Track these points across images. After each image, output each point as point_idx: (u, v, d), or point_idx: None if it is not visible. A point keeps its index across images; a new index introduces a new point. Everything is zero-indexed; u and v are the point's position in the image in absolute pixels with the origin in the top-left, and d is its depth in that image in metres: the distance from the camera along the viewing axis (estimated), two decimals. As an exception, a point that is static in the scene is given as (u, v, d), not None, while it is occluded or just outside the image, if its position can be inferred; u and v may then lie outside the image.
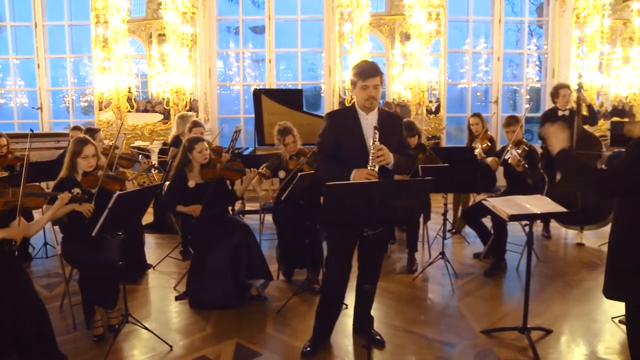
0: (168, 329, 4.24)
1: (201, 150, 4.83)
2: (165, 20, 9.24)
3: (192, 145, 4.85)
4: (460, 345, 3.95)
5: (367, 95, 3.51)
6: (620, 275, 2.66)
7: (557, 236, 6.90)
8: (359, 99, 3.58)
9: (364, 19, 9.36)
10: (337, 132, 3.62)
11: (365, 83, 3.49)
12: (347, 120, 3.62)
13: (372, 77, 3.48)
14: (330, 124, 3.67)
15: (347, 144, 3.60)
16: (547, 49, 10.64)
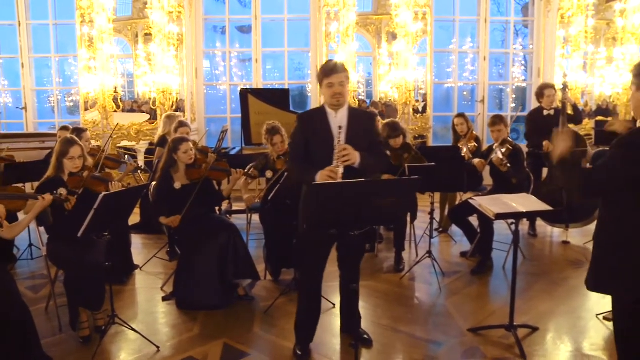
0: (155, 330, 4.22)
1: (186, 151, 4.81)
2: (152, 19, 9.20)
3: (177, 145, 4.83)
4: (448, 344, 3.98)
5: (332, 93, 3.48)
6: (606, 269, 2.67)
7: (543, 234, 6.96)
8: (326, 98, 3.56)
9: (350, 18, 9.37)
10: (307, 133, 3.59)
11: (330, 80, 3.46)
12: (316, 120, 3.59)
13: (337, 74, 3.45)
14: (300, 125, 3.65)
15: (316, 144, 3.56)
16: (533, 48, 10.71)
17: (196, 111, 10.01)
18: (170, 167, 4.83)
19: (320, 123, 3.57)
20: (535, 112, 7.02)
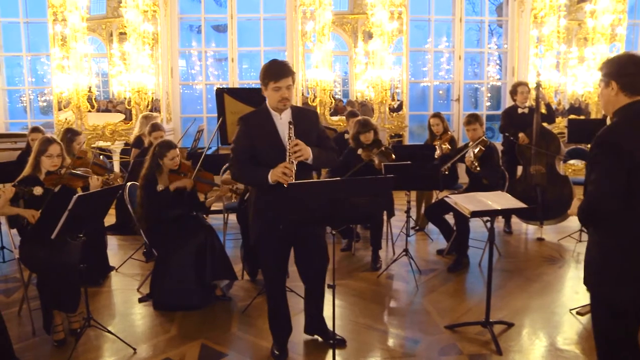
0: (132, 331, 4.19)
1: (172, 158, 4.79)
2: (126, 18, 9.08)
3: (164, 152, 4.78)
4: (425, 341, 4.01)
5: (280, 97, 3.38)
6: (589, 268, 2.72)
7: (518, 232, 7.04)
8: (271, 101, 3.44)
9: (326, 17, 9.37)
10: (252, 135, 3.50)
11: (278, 84, 3.35)
12: (260, 122, 3.50)
13: (285, 78, 3.36)
14: (244, 128, 3.53)
15: (263, 146, 3.47)
16: (507, 48, 10.83)
17: (172, 111, 9.93)
18: (155, 170, 4.80)
19: (265, 125, 3.49)
20: (510, 110, 7.11)
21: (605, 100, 2.64)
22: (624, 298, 2.61)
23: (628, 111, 2.54)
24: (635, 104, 2.53)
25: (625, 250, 2.55)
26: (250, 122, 3.55)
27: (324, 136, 3.71)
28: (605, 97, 2.64)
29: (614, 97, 2.58)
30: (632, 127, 2.50)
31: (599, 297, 2.73)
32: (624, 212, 2.50)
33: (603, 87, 2.64)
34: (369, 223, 6.12)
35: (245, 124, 3.54)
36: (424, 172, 5.50)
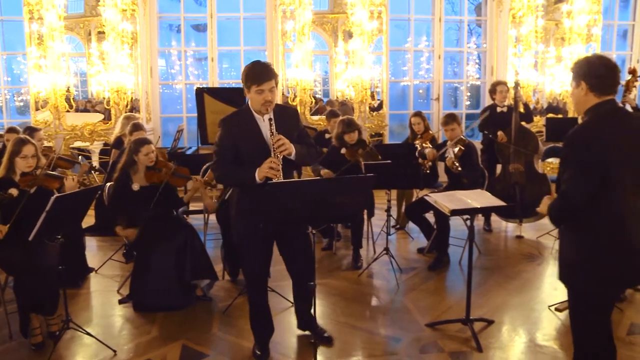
0: (112, 333, 4.16)
1: (147, 153, 4.76)
2: (104, 17, 8.98)
3: (138, 147, 4.76)
4: (406, 339, 4.03)
5: (263, 100, 3.36)
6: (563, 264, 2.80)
7: (497, 229, 7.10)
8: (254, 103, 3.43)
9: (306, 17, 9.36)
10: (235, 136, 3.49)
11: (261, 87, 3.33)
12: (242, 123, 3.50)
13: (267, 81, 3.33)
14: (226, 129, 3.53)
15: (247, 146, 3.48)
16: (486, 47, 10.92)
17: (151, 111, 9.84)
18: (129, 167, 4.76)
19: (248, 126, 3.49)
20: (489, 108, 7.17)
21: (576, 100, 2.75)
22: (598, 293, 2.68)
23: (597, 111, 2.65)
24: (604, 104, 2.64)
25: (597, 246, 2.62)
26: (232, 123, 3.54)
27: (303, 133, 3.73)
28: (575, 97, 2.75)
29: (584, 97, 2.69)
30: (601, 126, 2.60)
31: (575, 293, 2.79)
32: (596, 209, 2.57)
33: (574, 87, 2.74)
34: (349, 222, 6.13)
35: (226, 125, 3.54)
36: (404, 171, 5.53)
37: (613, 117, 2.65)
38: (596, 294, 2.69)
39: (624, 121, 2.69)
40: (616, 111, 2.69)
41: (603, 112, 2.64)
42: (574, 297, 2.82)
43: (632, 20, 11.23)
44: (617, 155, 2.56)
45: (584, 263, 2.66)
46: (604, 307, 2.76)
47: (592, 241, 2.64)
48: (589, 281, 2.67)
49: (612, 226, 2.59)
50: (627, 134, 2.63)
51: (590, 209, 2.58)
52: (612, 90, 2.67)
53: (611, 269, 2.61)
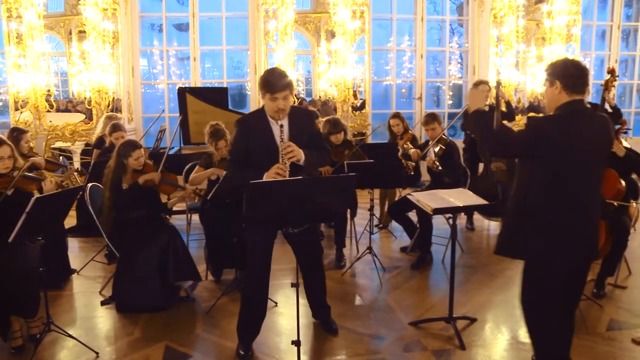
0: (94, 335, 4.13)
1: (137, 158, 4.74)
2: (85, 16, 8.90)
3: (128, 152, 4.73)
4: (389, 338, 4.06)
5: (276, 107, 3.49)
6: (517, 234, 3.09)
7: (480, 228, 7.16)
8: (268, 109, 3.57)
9: (289, 16, 9.36)
10: (248, 137, 3.62)
11: (275, 95, 3.46)
12: (256, 124, 3.62)
13: (282, 91, 3.46)
14: (241, 130, 3.66)
15: (257, 148, 3.60)
16: (468, 47, 10.99)
17: (133, 111, 9.79)
18: (121, 172, 4.75)
19: (261, 128, 3.60)
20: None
21: (549, 98, 3.05)
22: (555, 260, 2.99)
23: (567, 108, 2.95)
24: (574, 103, 2.94)
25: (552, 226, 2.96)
26: (247, 124, 3.69)
27: (316, 137, 3.84)
28: (549, 95, 3.04)
29: (557, 95, 2.99)
30: (567, 121, 2.92)
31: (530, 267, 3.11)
32: (552, 196, 2.93)
33: (548, 87, 3.03)
34: (332, 221, 6.14)
35: (242, 126, 3.68)
36: (387, 170, 5.55)
37: (579, 115, 2.94)
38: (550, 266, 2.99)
39: (588, 120, 2.97)
40: (583, 110, 2.98)
41: (571, 110, 2.93)
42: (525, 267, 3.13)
43: (610, 21, 11.39)
44: (576, 149, 2.87)
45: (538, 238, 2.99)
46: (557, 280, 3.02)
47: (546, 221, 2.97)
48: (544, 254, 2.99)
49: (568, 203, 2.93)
50: (588, 132, 2.92)
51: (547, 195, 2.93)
52: (582, 90, 2.96)
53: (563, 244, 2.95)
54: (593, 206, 3.02)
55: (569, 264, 3.02)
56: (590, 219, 3.01)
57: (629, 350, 3.83)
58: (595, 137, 2.95)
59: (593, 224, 3.04)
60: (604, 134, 3.01)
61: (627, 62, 12.31)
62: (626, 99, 12.22)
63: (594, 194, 3.03)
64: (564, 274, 3.03)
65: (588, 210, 2.99)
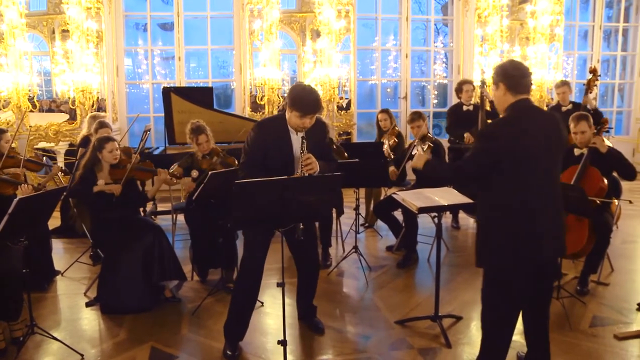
0: (79, 337, 4.10)
1: (111, 150, 4.71)
2: (68, 15, 8.81)
3: (102, 144, 4.72)
4: (376, 337, 4.07)
5: (302, 124, 3.55)
6: (480, 246, 3.19)
7: (465, 226, 7.20)
8: (291, 122, 3.61)
9: (274, 16, 9.35)
10: (266, 143, 3.65)
11: (305, 114, 3.51)
12: (276, 130, 3.67)
13: (312, 114, 3.53)
14: (260, 134, 3.67)
15: (275, 155, 3.65)
16: (453, 46, 11.05)
17: (118, 110, 9.72)
18: (94, 165, 4.72)
19: (280, 136, 3.66)
20: (456, 107, 7.26)
21: (497, 100, 3.15)
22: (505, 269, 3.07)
23: (514, 108, 3.05)
24: (520, 102, 3.04)
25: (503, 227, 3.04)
26: (266, 128, 3.73)
27: (327, 148, 3.90)
28: (496, 98, 3.15)
29: (503, 97, 3.09)
30: (513, 122, 3.02)
31: (488, 274, 3.18)
32: (506, 194, 3.01)
33: (494, 90, 3.14)
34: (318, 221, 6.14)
35: (261, 130, 3.70)
36: (372, 169, 5.56)
37: (527, 112, 3.05)
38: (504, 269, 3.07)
39: (536, 117, 3.07)
40: (530, 108, 3.09)
41: (518, 109, 3.04)
42: (487, 278, 3.20)
43: (591, 22, 11.51)
44: (526, 147, 2.94)
45: (492, 242, 3.07)
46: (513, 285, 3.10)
47: (498, 224, 3.05)
48: (496, 258, 3.07)
49: (520, 210, 2.98)
50: (537, 128, 3.01)
51: (501, 193, 3.01)
52: (526, 89, 3.08)
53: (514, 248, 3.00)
54: (552, 208, 3.07)
55: (525, 268, 3.08)
56: (548, 221, 3.05)
57: (612, 346, 3.87)
58: (546, 133, 3.02)
59: (553, 226, 3.08)
60: (555, 131, 3.09)
61: (608, 62, 12.46)
62: (608, 98, 12.37)
63: (554, 195, 3.08)
64: (521, 277, 3.10)
65: (546, 213, 3.03)
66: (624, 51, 11.93)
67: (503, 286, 3.11)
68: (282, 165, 3.60)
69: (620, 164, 4.78)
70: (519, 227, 2.99)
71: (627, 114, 12.00)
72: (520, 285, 3.11)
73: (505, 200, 3.01)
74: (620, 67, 11.98)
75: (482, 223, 3.17)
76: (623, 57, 11.97)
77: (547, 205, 3.03)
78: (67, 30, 9.07)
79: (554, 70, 10.52)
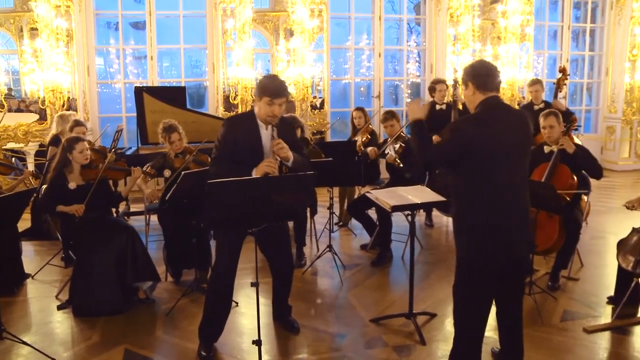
0: (50, 341, 4.04)
1: (82, 151, 4.65)
2: (36, 13, 8.65)
3: (72, 145, 4.65)
4: (351, 335, 4.09)
5: (271, 112, 3.56)
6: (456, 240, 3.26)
7: (439, 224, 7.26)
8: (261, 113, 3.62)
9: (247, 15, 9.31)
10: (236, 136, 3.66)
11: (274, 101, 3.55)
12: (246, 125, 3.69)
13: (281, 97, 3.56)
14: (230, 129, 3.70)
15: (244, 149, 3.64)
16: (425, 45, 11.14)
17: (89, 110, 9.59)
18: (64, 166, 4.65)
19: (249, 129, 3.68)
20: (429, 106, 7.31)
21: (468, 100, 3.21)
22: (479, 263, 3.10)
23: (484, 106, 3.10)
24: (490, 99, 3.10)
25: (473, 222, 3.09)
26: (236, 124, 3.75)
27: (297, 145, 3.88)
28: (467, 97, 3.21)
29: (472, 96, 3.15)
30: (484, 117, 3.07)
31: (460, 269, 3.24)
32: (469, 190, 3.08)
33: (464, 89, 3.20)
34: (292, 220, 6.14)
35: (230, 125, 3.73)
36: (345, 168, 5.58)
37: (497, 110, 3.10)
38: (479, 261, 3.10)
39: (503, 114, 3.13)
40: (498, 105, 3.14)
41: (488, 106, 3.09)
42: (460, 270, 3.25)
43: (560, 22, 11.72)
44: (495, 141, 2.99)
45: (467, 236, 3.12)
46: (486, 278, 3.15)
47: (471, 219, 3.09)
48: (472, 251, 3.11)
49: (488, 206, 3.04)
50: (505, 123, 3.06)
51: (470, 189, 3.07)
52: (494, 87, 3.13)
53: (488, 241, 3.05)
54: (520, 204, 3.12)
55: (496, 264, 3.12)
56: (517, 217, 3.09)
57: (581, 339, 3.96)
58: (513, 130, 3.07)
59: (521, 223, 3.12)
60: (522, 129, 3.14)
61: (577, 62, 12.69)
62: (577, 97, 12.60)
63: (520, 191, 3.12)
64: (492, 274, 3.15)
65: (514, 208, 3.08)
66: (591, 51, 12.18)
67: (474, 281, 3.15)
68: (253, 159, 3.58)
69: (588, 163, 4.87)
70: (488, 222, 3.04)
71: (595, 113, 12.25)
72: (491, 280, 3.15)
73: (474, 196, 3.06)
74: (588, 67, 12.22)
75: (454, 218, 3.22)
76: (591, 56, 12.22)
77: (514, 201, 3.08)
78: (35, 29, 8.93)
79: (525, 69, 10.68)
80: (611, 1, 11.57)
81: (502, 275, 3.18)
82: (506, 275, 3.21)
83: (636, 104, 11.37)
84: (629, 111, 11.42)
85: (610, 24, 11.70)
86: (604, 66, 11.94)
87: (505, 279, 3.22)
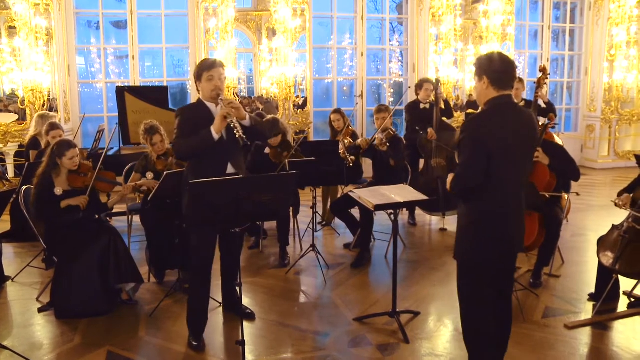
0: (31, 344, 3.99)
1: (72, 157, 4.58)
2: (15, 11, 8.53)
3: (62, 151, 4.57)
4: (334, 334, 4.09)
5: (213, 86, 3.69)
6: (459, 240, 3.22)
7: (422, 223, 7.29)
8: (205, 92, 3.75)
9: (229, 14, 9.28)
10: (192, 120, 3.76)
11: (211, 73, 3.68)
12: (197, 113, 3.80)
13: (217, 68, 3.70)
14: (184, 117, 3.81)
15: (202, 128, 3.69)
16: (408, 45, 11.18)
17: (70, 110, 9.50)
18: (52, 171, 4.58)
19: (202, 115, 3.76)
20: (413, 104, 7.34)
21: (478, 92, 3.10)
22: (485, 259, 3.09)
23: (494, 103, 3.00)
24: (501, 98, 3.00)
25: (483, 219, 3.05)
26: (189, 111, 3.91)
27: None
28: (478, 90, 3.10)
29: (485, 90, 3.03)
30: (494, 117, 2.99)
31: (465, 264, 3.20)
32: (484, 189, 3.00)
33: (477, 81, 3.08)
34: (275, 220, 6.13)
35: (184, 113, 3.87)
36: (328, 167, 5.58)
37: (507, 110, 3.01)
38: (483, 260, 3.09)
39: (516, 115, 3.04)
40: (511, 105, 3.05)
41: (499, 105, 2.99)
42: (463, 269, 3.22)
43: (541, 22, 11.84)
44: (504, 143, 2.94)
45: (473, 233, 3.08)
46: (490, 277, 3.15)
47: (479, 215, 3.06)
48: (476, 249, 3.08)
49: (497, 202, 3.02)
50: (514, 125, 2.99)
51: (480, 187, 2.99)
52: (509, 85, 3.02)
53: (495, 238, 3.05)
54: (520, 203, 3.13)
55: (494, 261, 3.13)
56: (514, 215, 3.11)
57: (562, 335, 4.01)
58: (522, 130, 3.03)
59: (517, 219, 3.14)
60: (530, 129, 3.11)
61: (557, 61, 12.83)
62: (557, 96, 12.73)
63: (520, 193, 3.13)
64: (490, 270, 3.15)
65: (514, 207, 3.09)
66: (571, 51, 12.32)
67: (481, 277, 3.15)
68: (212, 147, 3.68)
69: (567, 169, 4.89)
70: (494, 218, 3.04)
71: (575, 111, 12.40)
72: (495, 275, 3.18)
73: (481, 193, 3.02)
74: (568, 66, 12.36)
75: (462, 219, 3.17)
76: (571, 56, 12.37)
77: (518, 202, 3.09)
78: (14, 27, 8.80)
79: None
80: (589, 2, 11.72)
81: (501, 269, 3.20)
82: (503, 270, 3.22)
83: (614, 103, 11.54)
84: (608, 110, 11.59)
85: (589, 24, 11.85)
86: (584, 66, 12.09)
87: (502, 274, 3.23)
